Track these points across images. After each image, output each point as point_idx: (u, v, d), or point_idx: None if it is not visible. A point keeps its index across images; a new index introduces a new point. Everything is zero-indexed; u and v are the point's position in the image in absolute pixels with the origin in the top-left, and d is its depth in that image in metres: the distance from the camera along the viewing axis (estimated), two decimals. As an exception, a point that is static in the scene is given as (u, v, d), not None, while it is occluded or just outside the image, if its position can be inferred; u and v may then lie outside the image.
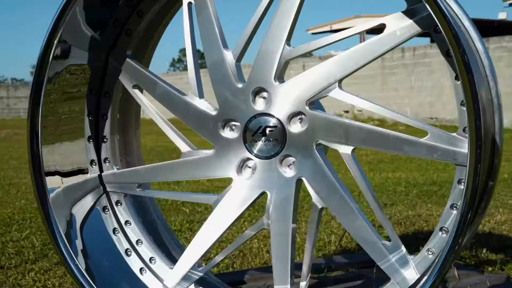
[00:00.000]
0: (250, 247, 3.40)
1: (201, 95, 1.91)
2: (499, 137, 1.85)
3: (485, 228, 3.97)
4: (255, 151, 1.85)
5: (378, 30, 1.73)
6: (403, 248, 1.75)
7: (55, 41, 1.81)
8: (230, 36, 1.89)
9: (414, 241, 3.50)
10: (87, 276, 1.87)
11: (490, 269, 2.89)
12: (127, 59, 1.98)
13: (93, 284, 1.90)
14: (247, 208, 1.86)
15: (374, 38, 1.73)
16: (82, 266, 1.94)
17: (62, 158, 1.98)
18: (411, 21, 1.69)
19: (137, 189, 2.00)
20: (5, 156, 9.87)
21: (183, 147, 1.94)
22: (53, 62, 1.88)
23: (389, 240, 1.76)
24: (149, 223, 2.13)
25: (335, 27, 25.76)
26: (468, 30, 1.87)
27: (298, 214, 1.85)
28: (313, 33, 28.52)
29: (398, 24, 1.70)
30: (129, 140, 2.15)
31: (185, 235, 3.78)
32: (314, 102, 1.80)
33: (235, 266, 3.06)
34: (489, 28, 24.08)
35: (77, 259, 1.93)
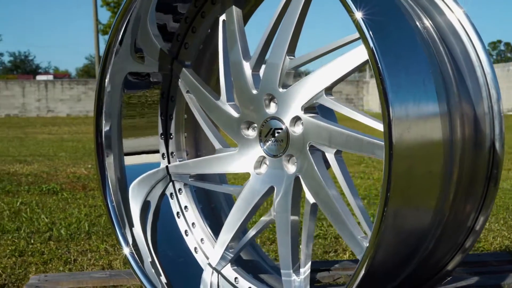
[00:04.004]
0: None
1: (229, 99, 2.19)
2: (500, 142, 1.90)
3: None
4: (267, 150, 2.09)
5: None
6: (380, 244, 1.88)
7: (110, 66, 2.23)
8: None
9: None
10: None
11: None
12: (183, 69, 2.33)
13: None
14: (261, 200, 2.11)
15: (357, 48, 1.87)
16: (151, 245, 2.33)
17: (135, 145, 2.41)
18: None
19: (189, 179, 2.34)
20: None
21: (217, 144, 2.24)
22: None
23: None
24: (212, 209, 2.46)
25: None
26: (471, 40, 1.93)
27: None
28: None
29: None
30: (200, 136, 2.50)
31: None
32: (315, 107, 1.99)
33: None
34: None
35: (148, 239, 2.33)
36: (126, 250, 2.28)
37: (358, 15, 1.64)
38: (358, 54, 1.84)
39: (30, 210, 5.04)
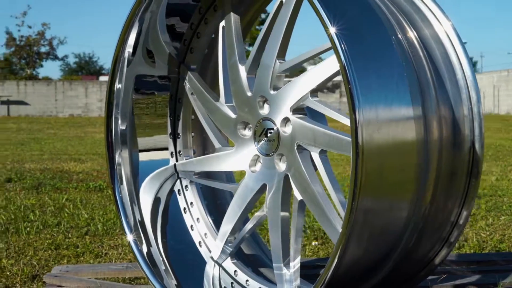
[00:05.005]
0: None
1: (227, 101, 2.31)
2: (479, 143, 1.97)
3: None
4: (260, 149, 2.20)
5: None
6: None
7: (119, 65, 2.39)
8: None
9: None
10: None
11: None
12: (189, 72, 2.46)
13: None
14: (255, 196, 2.22)
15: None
16: (159, 239, 2.47)
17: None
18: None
19: (194, 177, 2.48)
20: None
21: (217, 143, 2.36)
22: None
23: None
24: (217, 205, 2.59)
25: None
26: (450, 37, 2.01)
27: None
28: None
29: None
30: (207, 136, 2.62)
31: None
32: (303, 109, 2.09)
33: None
34: None
35: (156, 234, 2.48)
36: (129, 237, 2.43)
37: (332, 30, 1.74)
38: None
39: (73, 206, 5.26)
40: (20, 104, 36.05)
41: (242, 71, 2.22)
